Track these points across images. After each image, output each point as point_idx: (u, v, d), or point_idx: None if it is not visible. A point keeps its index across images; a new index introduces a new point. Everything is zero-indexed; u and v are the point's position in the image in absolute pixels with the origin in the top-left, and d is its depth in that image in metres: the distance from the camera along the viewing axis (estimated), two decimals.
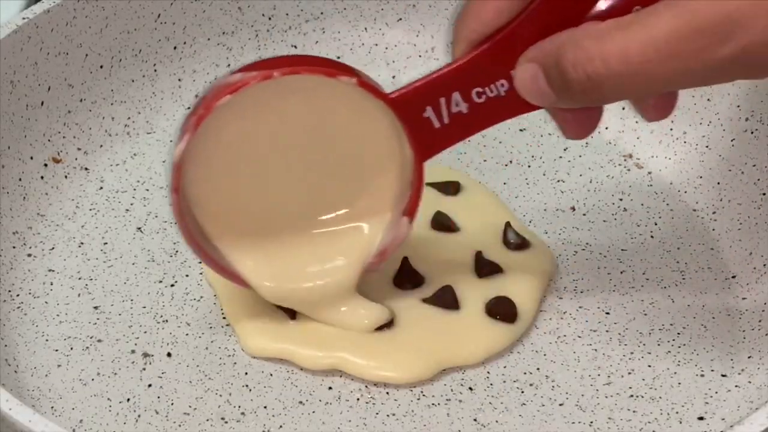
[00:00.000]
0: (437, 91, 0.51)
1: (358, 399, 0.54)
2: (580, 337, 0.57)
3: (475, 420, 0.54)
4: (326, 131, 0.53)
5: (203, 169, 0.52)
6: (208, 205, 0.53)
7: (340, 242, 0.55)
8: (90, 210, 0.62)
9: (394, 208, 0.54)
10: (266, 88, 0.50)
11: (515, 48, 0.50)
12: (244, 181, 0.53)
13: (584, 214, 0.62)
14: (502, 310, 0.56)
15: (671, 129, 0.65)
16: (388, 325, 0.55)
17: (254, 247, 0.54)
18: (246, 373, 0.55)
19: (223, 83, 0.50)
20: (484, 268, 0.58)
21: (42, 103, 0.62)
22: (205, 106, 0.50)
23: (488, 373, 0.55)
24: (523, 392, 0.55)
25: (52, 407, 0.53)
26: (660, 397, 0.54)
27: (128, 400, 0.54)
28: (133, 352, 0.56)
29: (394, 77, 0.68)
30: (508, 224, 0.59)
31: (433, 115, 0.52)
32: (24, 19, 0.61)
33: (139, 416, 0.53)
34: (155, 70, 0.66)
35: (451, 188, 0.61)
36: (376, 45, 0.69)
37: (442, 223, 0.59)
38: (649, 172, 0.64)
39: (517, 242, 0.59)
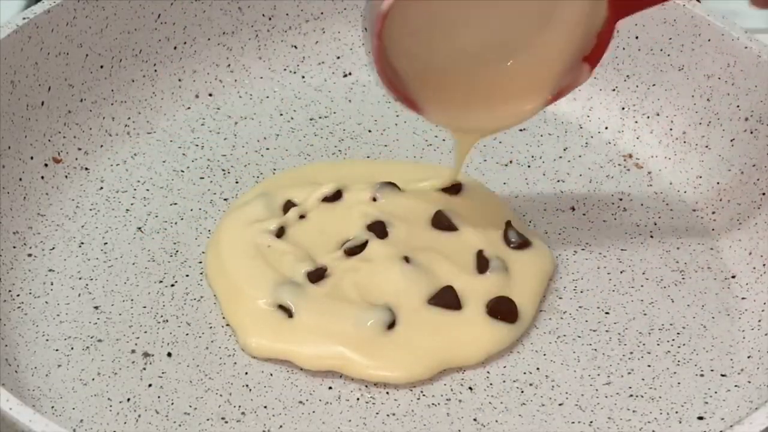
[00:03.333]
0: None
1: (358, 399, 0.54)
2: (580, 337, 0.57)
3: (475, 420, 0.54)
4: None
5: (401, 23, 0.52)
6: (403, 51, 0.54)
7: (521, 80, 0.55)
8: (90, 210, 0.62)
9: (575, 54, 0.55)
10: None
11: None
12: (437, 34, 0.54)
13: (584, 214, 0.62)
14: (502, 309, 0.56)
15: (671, 129, 0.65)
16: (389, 325, 0.55)
17: (439, 86, 0.55)
18: (246, 373, 0.55)
19: None
20: (486, 266, 0.57)
21: (42, 103, 0.62)
22: None
23: (488, 373, 0.55)
24: (523, 392, 0.55)
25: (52, 407, 0.53)
26: (660, 397, 0.55)
27: (128, 400, 0.54)
28: (133, 351, 0.56)
29: None
30: (509, 223, 0.59)
31: None
32: (24, 19, 0.61)
33: (139, 416, 0.53)
34: (155, 70, 0.66)
35: (452, 188, 0.61)
36: None
37: (443, 223, 0.59)
38: (649, 172, 0.64)
39: (519, 241, 0.59)
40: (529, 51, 0.55)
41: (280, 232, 0.59)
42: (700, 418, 0.54)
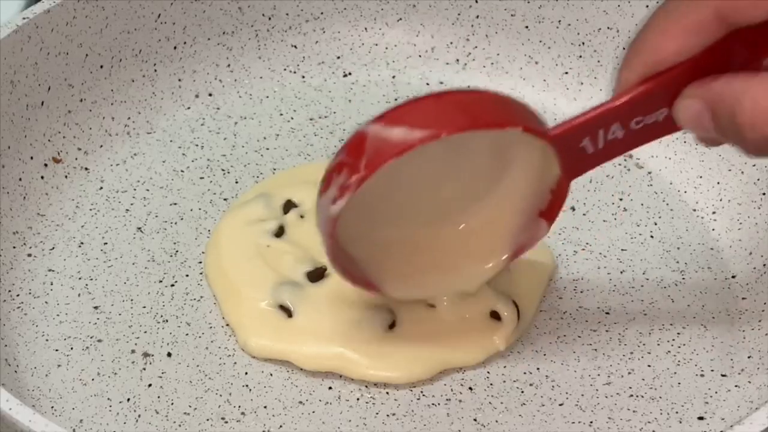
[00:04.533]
0: (599, 125, 0.51)
1: (358, 399, 0.54)
2: (580, 337, 0.57)
3: (475, 420, 0.54)
4: (472, 156, 0.52)
5: (352, 212, 0.51)
6: (356, 236, 0.53)
7: (477, 243, 0.55)
8: (90, 210, 0.62)
9: (529, 211, 0.54)
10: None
11: (683, 82, 0.49)
12: (388, 212, 0.53)
13: (584, 214, 0.62)
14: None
15: None
16: (389, 325, 0.55)
17: (395, 262, 0.54)
18: (246, 373, 0.55)
19: (381, 139, 0.48)
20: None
21: (42, 103, 0.62)
22: (368, 167, 0.48)
23: (488, 373, 0.55)
24: (523, 392, 0.55)
25: (52, 407, 0.53)
26: (660, 397, 0.55)
27: (128, 400, 0.54)
28: (133, 352, 0.56)
29: (394, 77, 0.68)
30: None
31: (589, 144, 0.51)
32: (24, 19, 0.61)
33: (139, 416, 0.53)
34: (155, 70, 0.66)
35: None
36: (376, 45, 0.69)
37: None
38: (649, 172, 0.64)
39: None
40: (482, 212, 0.54)
41: (280, 232, 0.59)
42: (700, 418, 0.54)
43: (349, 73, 0.69)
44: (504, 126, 0.50)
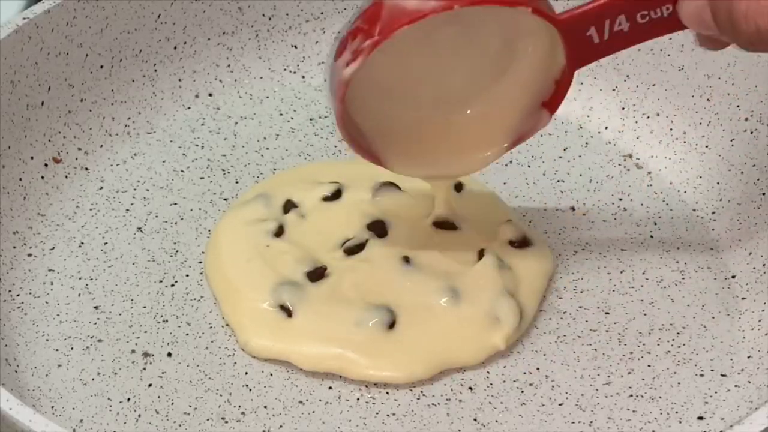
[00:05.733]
0: (605, 15, 0.52)
1: (358, 399, 0.54)
2: (580, 337, 0.57)
3: (475, 420, 0.54)
4: (482, 40, 0.54)
5: (364, 83, 0.53)
6: (365, 108, 0.55)
7: (481, 128, 0.56)
8: (90, 210, 0.62)
9: (533, 101, 0.55)
10: (440, 16, 0.50)
11: None
12: (398, 88, 0.55)
13: (584, 214, 0.62)
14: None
15: (671, 129, 0.65)
16: (389, 325, 0.55)
17: (400, 141, 0.56)
18: (246, 373, 0.55)
19: (397, 6, 0.50)
20: (490, 263, 0.58)
21: (42, 103, 0.62)
22: (382, 32, 0.50)
23: (488, 373, 0.55)
24: (523, 392, 0.55)
25: (52, 407, 0.53)
26: (660, 397, 0.55)
27: (128, 399, 0.54)
28: (133, 351, 0.56)
29: None
30: (509, 223, 0.59)
31: (595, 34, 0.53)
32: (24, 19, 0.61)
33: (139, 416, 0.53)
34: (155, 70, 0.66)
35: (455, 186, 0.61)
36: None
37: (444, 222, 0.59)
38: (649, 172, 0.64)
39: (519, 241, 0.59)
40: (488, 99, 0.56)
41: (280, 232, 0.59)
42: (700, 418, 0.54)
43: None
44: (514, 4, 0.51)
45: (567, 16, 0.52)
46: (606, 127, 0.66)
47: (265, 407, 0.54)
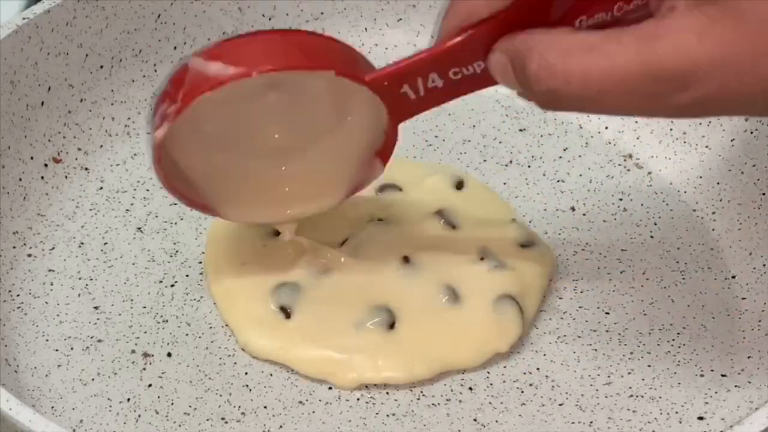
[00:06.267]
0: (415, 73, 0.52)
1: (358, 399, 0.54)
2: (580, 337, 0.57)
3: (475, 420, 0.54)
4: (308, 98, 0.53)
5: (183, 139, 0.53)
6: (191, 162, 0.54)
7: (312, 179, 0.56)
8: (90, 210, 0.62)
9: (366, 151, 0.55)
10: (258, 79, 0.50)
11: (497, 35, 0.50)
12: (229, 138, 0.54)
13: (584, 214, 0.62)
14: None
15: (671, 129, 0.65)
16: (389, 325, 0.55)
17: (233, 190, 0.56)
18: (246, 373, 0.55)
19: (199, 73, 0.50)
20: (491, 263, 0.58)
21: (42, 103, 0.62)
22: (184, 99, 0.50)
23: (488, 373, 0.55)
24: (523, 392, 0.55)
25: (52, 407, 0.53)
26: (660, 397, 0.55)
27: (128, 400, 0.54)
28: (133, 352, 0.56)
29: None
30: (513, 221, 0.60)
31: (410, 91, 0.52)
32: (24, 19, 0.61)
33: (139, 416, 0.53)
34: (155, 70, 0.66)
35: (455, 184, 0.61)
36: (376, 45, 0.69)
37: (446, 220, 0.59)
38: (649, 172, 0.64)
39: (522, 240, 0.59)
40: (321, 150, 0.55)
41: (277, 233, 0.59)
42: (700, 418, 0.54)
43: None
44: (315, 68, 0.51)
45: (375, 76, 0.52)
46: (606, 127, 0.66)
47: (265, 407, 0.54)
